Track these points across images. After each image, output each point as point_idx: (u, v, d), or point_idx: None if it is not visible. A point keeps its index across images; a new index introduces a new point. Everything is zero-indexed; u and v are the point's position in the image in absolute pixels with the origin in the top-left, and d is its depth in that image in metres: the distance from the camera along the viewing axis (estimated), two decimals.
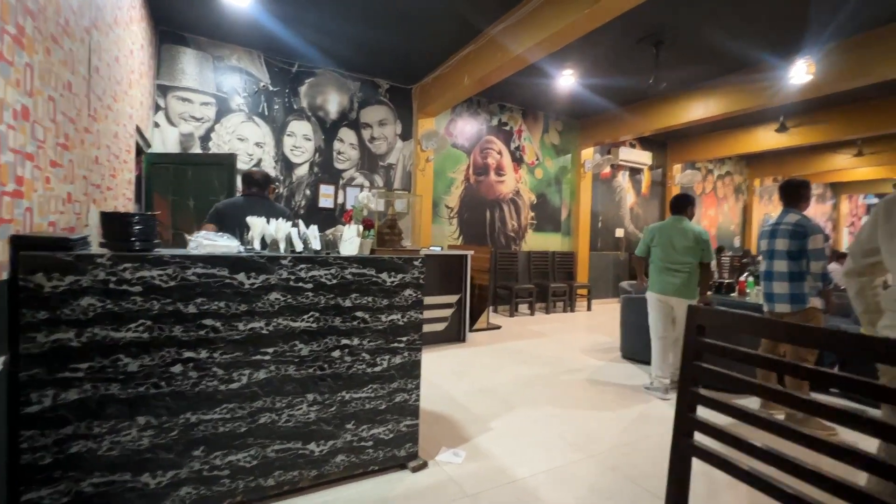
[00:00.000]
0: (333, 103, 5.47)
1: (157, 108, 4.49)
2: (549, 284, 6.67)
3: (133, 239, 1.54)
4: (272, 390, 1.75)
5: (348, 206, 5.55)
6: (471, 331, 5.07)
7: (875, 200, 13.84)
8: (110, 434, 1.48)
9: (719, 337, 1.02)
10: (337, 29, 4.37)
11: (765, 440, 0.89)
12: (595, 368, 3.86)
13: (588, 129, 7.30)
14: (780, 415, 2.80)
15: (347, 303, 1.89)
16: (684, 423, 1.03)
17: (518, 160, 6.92)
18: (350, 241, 1.93)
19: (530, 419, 2.73)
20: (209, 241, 1.68)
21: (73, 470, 1.43)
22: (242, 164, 4.91)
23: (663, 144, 8.68)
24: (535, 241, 7.15)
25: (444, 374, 3.55)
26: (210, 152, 4.73)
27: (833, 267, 6.44)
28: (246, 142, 4.96)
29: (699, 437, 1.02)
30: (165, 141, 4.54)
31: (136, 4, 3.47)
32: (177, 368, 1.57)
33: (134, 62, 3.42)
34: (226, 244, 1.71)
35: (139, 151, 3.99)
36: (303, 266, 1.78)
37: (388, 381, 2.01)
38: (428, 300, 4.39)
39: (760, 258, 2.97)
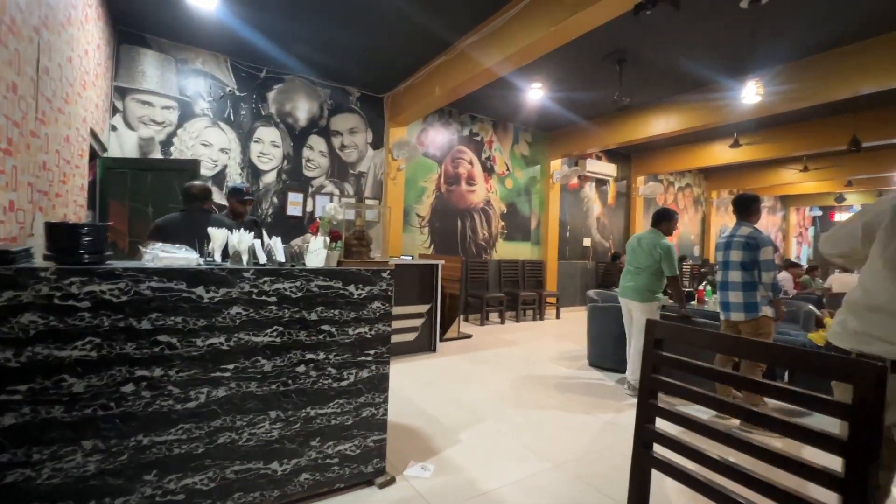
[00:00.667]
0: (303, 110, 5.39)
1: (115, 110, 4.29)
2: (519, 293, 6.75)
3: (81, 251, 1.45)
4: (232, 408, 1.68)
5: (317, 215, 5.45)
6: (441, 340, 5.06)
7: (819, 213, 14.81)
8: (52, 461, 1.38)
9: (678, 349, 1.06)
10: (307, 36, 4.32)
11: (721, 451, 0.92)
12: (563, 377, 3.92)
13: (556, 141, 7.49)
14: (735, 420, 2.93)
15: (313, 316, 1.84)
16: (643, 435, 1.05)
17: (489, 170, 7.01)
18: (316, 252, 1.89)
19: (499, 430, 2.74)
20: (166, 254, 1.61)
21: (8, 502, 1.32)
22: (206, 171, 4.76)
23: (628, 157, 9.00)
24: (506, 250, 7.23)
25: (413, 386, 3.52)
26: (172, 158, 4.55)
27: (783, 276, 6.83)
28: (210, 147, 4.80)
29: (659, 449, 1.04)
30: (123, 145, 4.34)
31: (92, 3, 3.32)
32: (128, 388, 1.49)
33: (89, 63, 3.26)
34: (184, 256, 1.64)
35: (94, 156, 3.79)
36: (266, 279, 1.73)
37: (355, 395, 1.97)
38: (398, 310, 4.36)
39: (717, 268, 3.11)
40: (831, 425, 0.82)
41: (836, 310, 4.12)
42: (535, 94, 5.59)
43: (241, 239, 1.77)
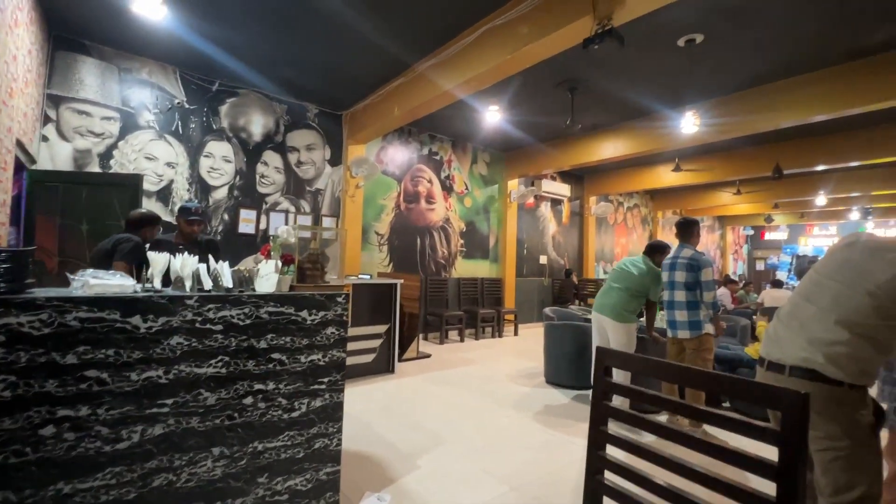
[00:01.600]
0: (257, 125, 5.24)
1: (47, 119, 3.99)
2: (478, 311, 6.80)
3: None
4: (170, 447, 1.56)
5: (271, 232, 5.27)
6: (400, 361, 4.98)
7: (751, 232, 16.06)
8: None
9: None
10: (265, 51, 4.24)
11: (667, 477, 0.95)
12: (521, 396, 3.95)
13: (513, 162, 7.70)
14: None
15: (262, 344, 1.76)
16: (594, 462, 1.07)
17: (448, 189, 7.08)
18: (267, 277, 1.82)
19: (458, 453, 2.71)
20: (98, 281, 1.49)
21: None
22: (150, 186, 4.50)
23: (581, 178, 9.40)
24: (465, 268, 7.29)
25: (371, 410, 3.42)
26: (111, 171, 4.27)
27: (722, 291, 7.31)
28: (155, 161, 4.56)
29: (610, 475, 1.06)
30: (55, 157, 4.03)
31: (24, 6, 3.10)
32: (47, 430, 1.35)
33: (17, 69, 3.03)
34: (118, 283, 1.52)
35: (20, 168, 3.49)
36: (212, 306, 1.64)
37: (307, 426, 1.88)
38: (356, 331, 4.26)
39: (664, 288, 3.28)
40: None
41: (768, 320, 4.38)
42: (492, 116, 5.74)
43: (185, 263, 1.67)
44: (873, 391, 1.47)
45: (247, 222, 5.17)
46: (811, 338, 1.39)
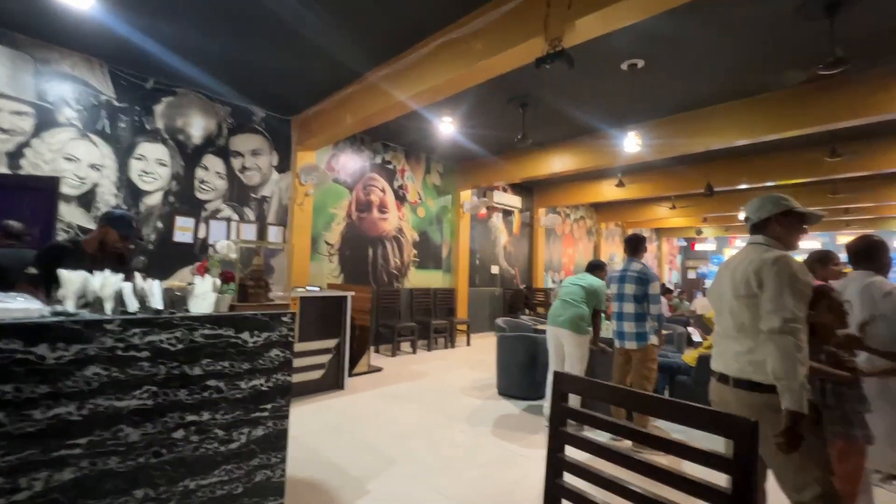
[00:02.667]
0: (198, 127, 4.91)
1: None
2: (430, 321, 6.74)
3: None
4: (82, 493, 1.37)
5: (211, 241, 4.94)
6: (350, 376, 4.80)
7: (684, 243, 17.28)
8: None
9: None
10: (206, 48, 3.97)
11: (624, 474, 0.95)
12: (474, 409, 3.93)
13: (467, 173, 7.78)
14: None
15: (197, 370, 1.60)
16: (552, 490, 1.05)
17: (401, 198, 7.01)
18: (203, 296, 1.67)
19: (411, 474, 2.62)
20: None
21: None
22: (70, 189, 4.07)
23: (531, 190, 9.66)
24: (418, 279, 7.22)
25: (318, 431, 3.26)
26: (22, 173, 3.82)
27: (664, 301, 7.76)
28: (76, 163, 4.13)
29: (569, 478, 1.05)
30: None
31: None
32: None
33: None
34: (22, 307, 1.32)
35: None
36: (137, 330, 1.47)
37: (247, 458, 1.74)
38: (303, 346, 4.06)
39: (612, 300, 3.40)
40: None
41: (700, 329, 4.65)
42: (446, 127, 5.76)
43: (105, 283, 1.49)
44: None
45: (183, 230, 4.81)
46: (735, 351, 1.53)
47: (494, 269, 8.76)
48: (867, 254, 2.28)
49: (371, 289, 5.49)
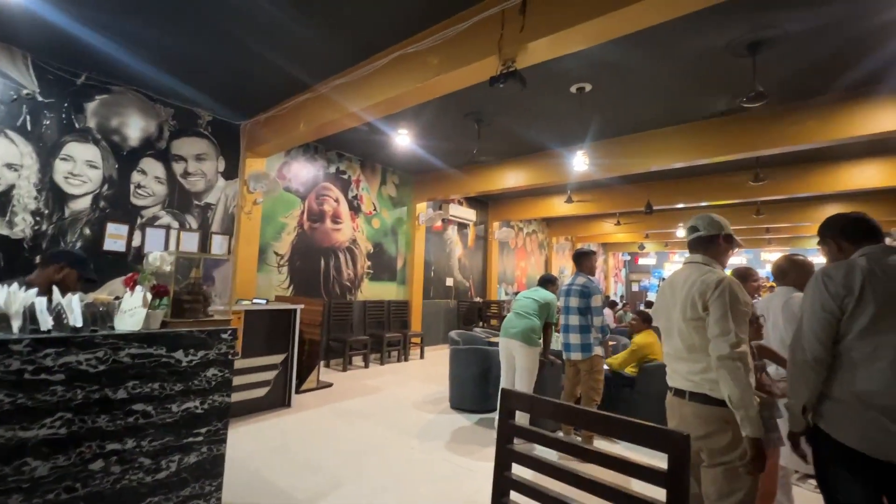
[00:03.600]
0: (135, 128, 4.60)
1: None
2: (384, 334, 6.63)
3: None
4: None
5: (147, 250, 4.61)
6: (298, 392, 4.61)
7: (628, 257, 18.23)
8: None
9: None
10: (149, 44, 3.72)
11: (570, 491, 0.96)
12: (426, 424, 3.88)
13: (422, 185, 7.80)
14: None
15: (121, 394, 1.47)
16: (500, 484, 1.05)
17: (355, 209, 6.90)
18: (131, 312, 1.54)
19: (359, 496, 2.53)
20: None
21: None
22: None
23: (485, 204, 9.84)
24: (372, 291, 7.10)
25: (261, 452, 3.08)
26: None
27: (605, 312, 8.10)
28: None
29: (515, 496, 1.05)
30: None
31: None
32: None
33: None
34: None
35: None
36: (50, 351, 1.32)
37: (178, 487, 1.60)
38: (247, 363, 3.85)
39: (560, 313, 3.50)
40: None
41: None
42: (401, 139, 5.76)
43: (11, 298, 1.33)
44: None
45: (115, 238, 4.45)
46: (688, 370, 1.61)
47: (449, 282, 8.79)
48: (788, 272, 2.51)
49: (322, 301, 5.32)
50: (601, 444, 3.10)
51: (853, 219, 1.53)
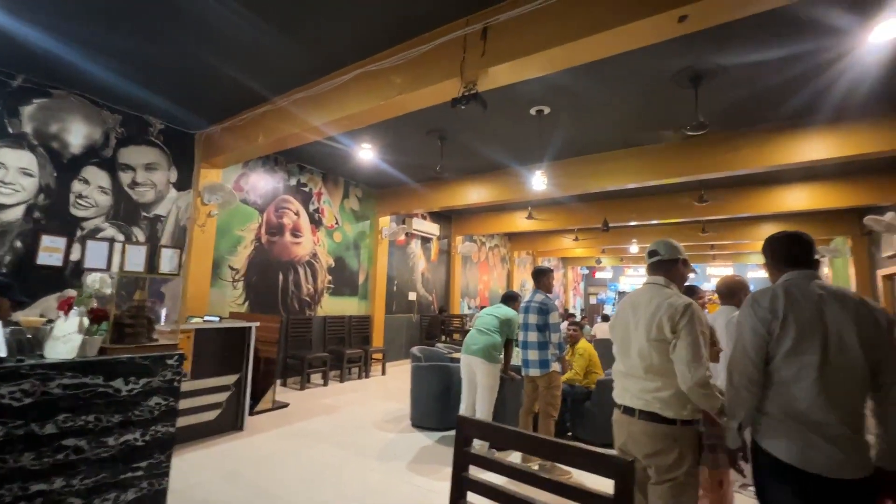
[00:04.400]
0: (77, 135, 4.33)
1: None
2: (344, 351, 6.48)
3: None
4: None
5: (88, 264, 4.31)
6: (252, 414, 4.41)
7: (586, 271, 18.85)
8: None
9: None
10: (95, 45, 3.51)
11: None
12: (386, 443, 3.81)
13: (386, 199, 7.77)
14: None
15: (49, 429, 1.36)
16: None
17: (316, 222, 6.77)
18: (65, 339, 1.43)
19: None
20: None
21: None
22: None
23: (449, 218, 9.92)
24: (332, 306, 6.94)
25: (210, 482, 2.91)
26: None
27: (563, 325, 8.29)
28: None
29: None
30: None
31: None
32: None
33: None
34: None
35: None
36: None
37: None
38: (196, 384, 3.66)
39: (519, 329, 3.56)
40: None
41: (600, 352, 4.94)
42: (365, 154, 5.74)
43: None
44: None
45: (51, 251, 4.13)
46: (641, 389, 1.67)
47: (412, 296, 8.75)
48: (731, 292, 2.70)
49: (280, 317, 5.16)
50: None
51: (781, 243, 1.62)
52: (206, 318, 4.44)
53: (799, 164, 4.61)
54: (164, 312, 4.48)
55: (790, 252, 1.58)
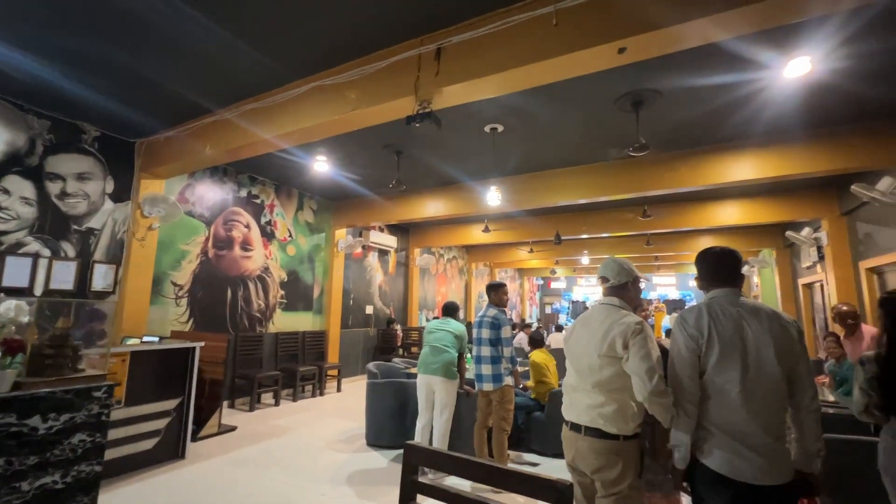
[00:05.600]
0: None
1: None
2: (297, 368, 6.26)
3: None
4: None
5: (6, 283, 3.93)
6: (195, 440, 4.16)
7: (541, 282, 19.37)
8: None
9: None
10: (21, 43, 3.25)
11: None
12: (339, 465, 3.70)
13: (342, 212, 7.65)
14: None
15: None
16: None
17: (269, 235, 6.54)
18: None
19: None
20: None
21: None
22: None
23: (406, 231, 9.91)
24: (285, 322, 6.70)
25: None
26: None
27: (520, 336, 8.45)
28: None
29: None
30: None
31: None
32: None
33: None
34: None
35: None
36: None
37: None
38: (132, 412, 3.40)
39: (473, 344, 3.59)
40: None
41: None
42: (320, 166, 5.65)
43: None
44: None
45: None
46: (587, 404, 1.73)
47: (369, 309, 8.62)
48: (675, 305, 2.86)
49: (227, 336, 4.91)
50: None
51: (710, 261, 1.72)
52: (145, 338, 4.16)
53: (731, 184, 5.00)
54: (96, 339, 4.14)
55: (717, 271, 1.69)
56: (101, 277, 4.57)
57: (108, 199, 4.73)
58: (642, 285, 2.06)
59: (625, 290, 1.94)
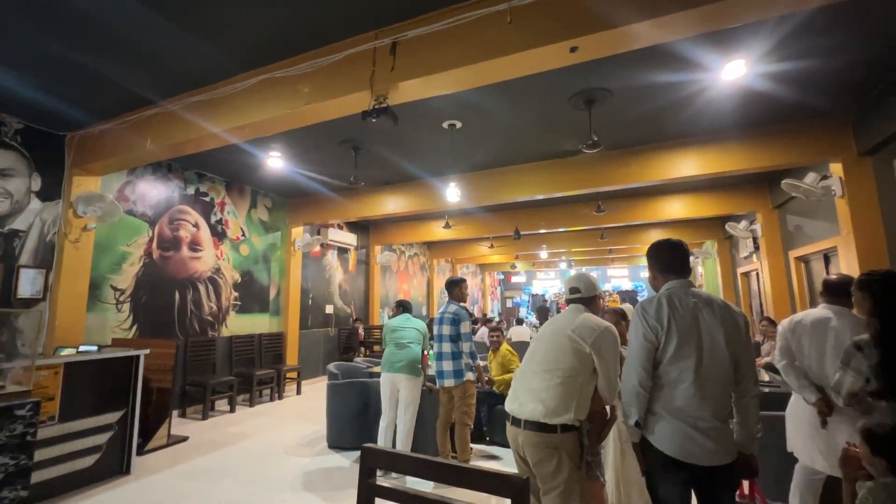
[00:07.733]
0: None
1: None
2: (254, 372, 6.03)
3: None
4: None
5: None
6: (141, 454, 3.91)
7: (502, 276, 19.69)
8: None
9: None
10: None
11: None
12: (299, 471, 3.60)
13: (298, 209, 7.42)
14: None
15: None
16: None
17: (220, 235, 6.24)
18: None
19: None
20: None
21: None
22: None
23: (367, 228, 9.76)
24: (239, 325, 6.43)
25: None
26: None
27: (482, 331, 8.56)
28: None
29: None
30: None
31: None
32: None
33: None
34: None
35: None
36: None
37: None
38: (68, 427, 3.15)
39: (434, 341, 3.60)
40: None
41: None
42: (274, 162, 5.44)
43: None
44: None
45: None
46: (530, 388, 1.77)
47: (329, 309, 8.43)
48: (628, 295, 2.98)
49: (176, 341, 4.65)
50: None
51: (663, 253, 1.79)
52: (82, 348, 3.86)
53: (676, 180, 5.27)
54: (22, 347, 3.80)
55: (671, 263, 1.77)
56: (28, 283, 4.19)
57: (35, 198, 4.34)
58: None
59: (592, 302, 2.04)
